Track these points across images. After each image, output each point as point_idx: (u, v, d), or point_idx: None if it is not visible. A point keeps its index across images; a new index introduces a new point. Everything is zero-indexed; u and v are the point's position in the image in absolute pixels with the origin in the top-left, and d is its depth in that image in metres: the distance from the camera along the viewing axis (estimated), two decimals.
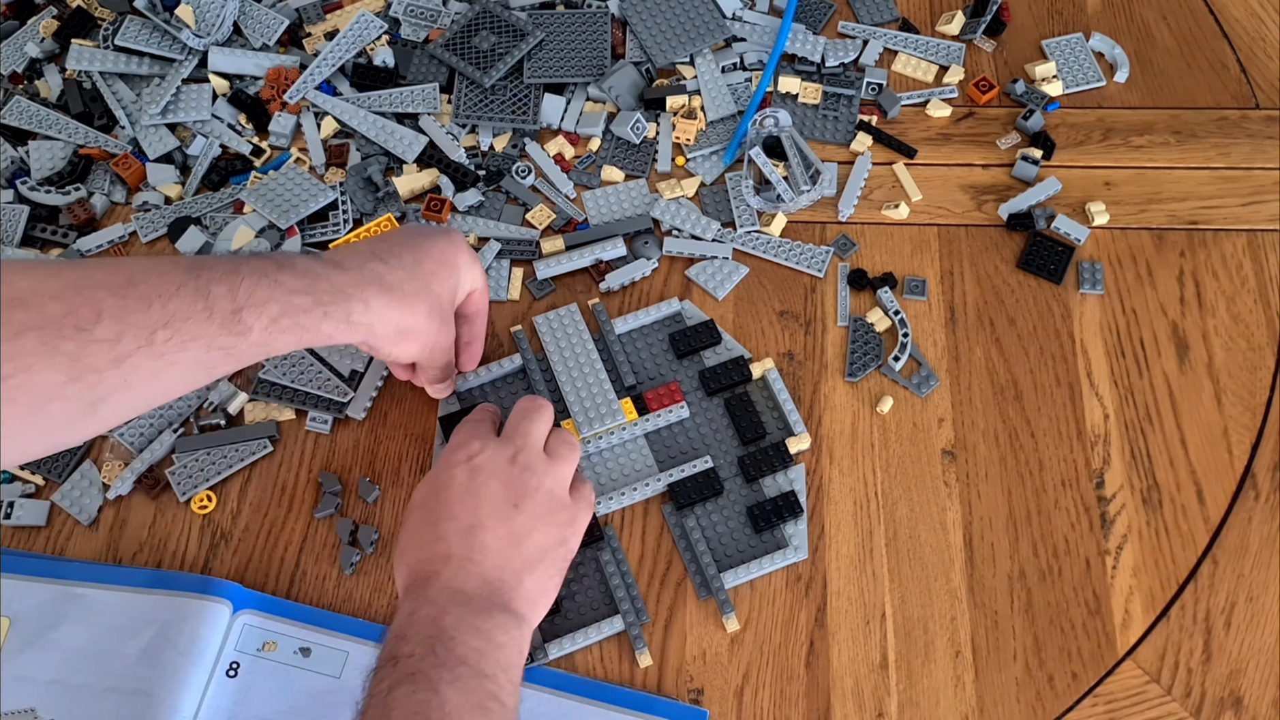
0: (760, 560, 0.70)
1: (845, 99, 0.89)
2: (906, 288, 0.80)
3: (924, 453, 0.75)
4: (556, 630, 0.69)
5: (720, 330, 0.78)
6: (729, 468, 0.74)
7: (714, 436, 0.75)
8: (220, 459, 0.75)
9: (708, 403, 0.77)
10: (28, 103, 0.89)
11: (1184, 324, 0.79)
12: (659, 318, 0.79)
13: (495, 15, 0.90)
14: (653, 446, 0.75)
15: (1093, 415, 0.76)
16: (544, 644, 0.68)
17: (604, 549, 0.71)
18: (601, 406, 0.75)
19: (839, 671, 0.68)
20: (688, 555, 0.72)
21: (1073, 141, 0.87)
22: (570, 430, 0.73)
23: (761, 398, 0.77)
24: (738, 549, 0.72)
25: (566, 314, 0.78)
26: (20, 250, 0.83)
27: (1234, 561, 0.71)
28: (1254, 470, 0.74)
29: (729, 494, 0.73)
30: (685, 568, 0.71)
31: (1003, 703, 0.67)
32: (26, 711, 0.65)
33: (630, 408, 0.75)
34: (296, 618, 0.69)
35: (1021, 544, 0.72)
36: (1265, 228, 0.83)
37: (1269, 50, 0.91)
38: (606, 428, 0.74)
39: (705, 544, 0.71)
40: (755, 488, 0.74)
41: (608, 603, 0.70)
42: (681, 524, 0.72)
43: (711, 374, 0.77)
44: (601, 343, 0.78)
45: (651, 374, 0.78)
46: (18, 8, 0.96)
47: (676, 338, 0.78)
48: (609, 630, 0.69)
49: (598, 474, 0.74)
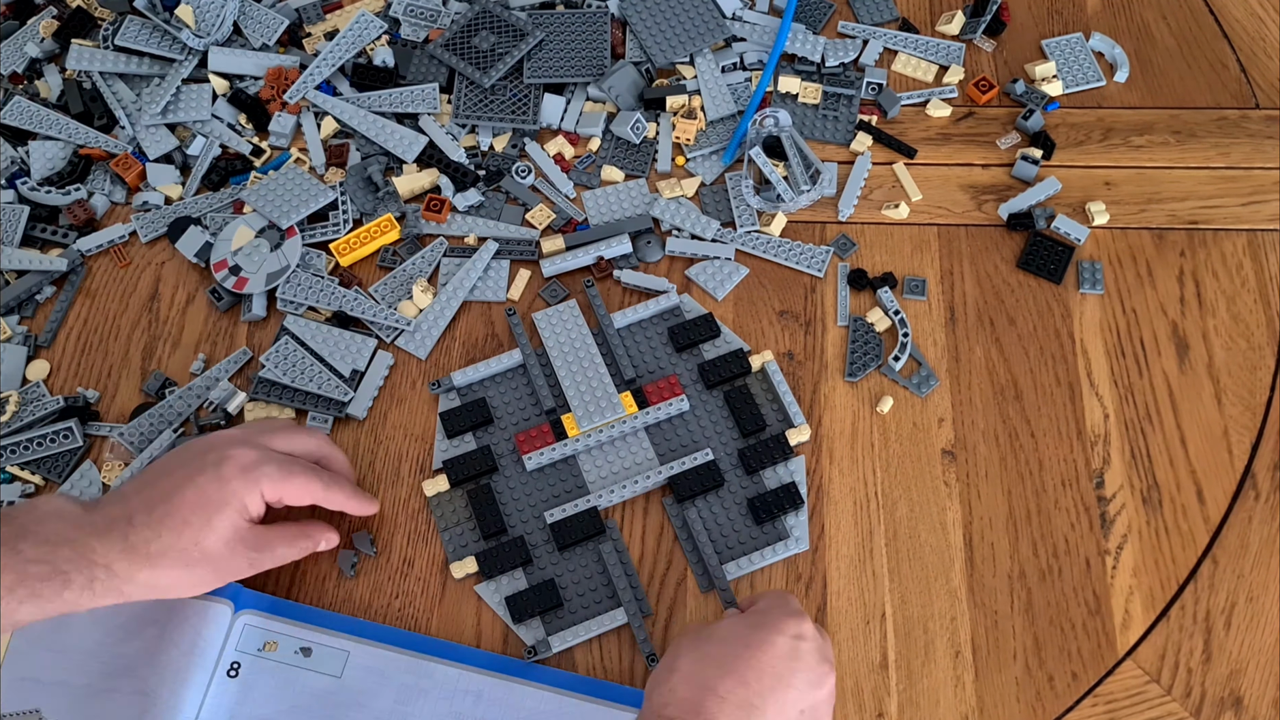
0: (762, 551, 0.71)
1: (845, 99, 0.89)
2: (906, 288, 0.80)
3: (924, 453, 0.75)
4: (559, 624, 0.69)
5: (719, 323, 0.79)
6: (729, 460, 0.74)
7: (714, 429, 0.76)
8: None
9: (707, 395, 0.77)
10: (28, 103, 0.89)
11: (1184, 324, 0.79)
12: (658, 311, 0.79)
13: (495, 15, 0.90)
14: (653, 440, 0.75)
15: (1093, 415, 0.76)
16: (546, 638, 0.68)
17: (605, 541, 0.71)
18: (601, 400, 0.75)
19: (839, 671, 0.68)
20: (689, 547, 0.72)
21: (1073, 141, 0.87)
22: (570, 425, 0.74)
23: (761, 390, 0.77)
24: (739, 541, 0.72)
25: (566, 309, 0.79)
26: (20, 250, 0.83)
27: (1234, 561, 0.71)
28: (1254, 470, 0.74)
29: (729, 486, 0.73)
30: (687, 561, 0.71)
31: (1003, 703, 0.67)
32: (31, 712, 0.65)
33: (630, 401, 0.75)
34: (297, 617, 0.69)
35: (1021, 544, 0.72)
36: (1265, 227, 0.83)
37: (1269, 50, 0.91)
38: (606, 421, 0.74)
39: (706, 536, 0.71)
40: (756, 479, 0.74)
41: (610, 596, 0.70)
42: (683, 516, 0.72)
43: (711, 367, 0.77)
44: (600, 337, 0.78)
45: (651, 367, 0.78)
46: (18, 8, 0.96)
47: (675, 331, 0.78)
48: (611, 624, 0.69)
49: (598, 468, 0.74)
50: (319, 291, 0.81)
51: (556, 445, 0.74)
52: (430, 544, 0.73)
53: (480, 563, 0.71)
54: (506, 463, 0.75)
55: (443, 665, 0.67)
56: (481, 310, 0.81)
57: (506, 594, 0.70)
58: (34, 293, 0.82)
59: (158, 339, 0.81)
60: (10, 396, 0.78)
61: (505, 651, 0.69)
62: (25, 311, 0.82)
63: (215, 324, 0.81)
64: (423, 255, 0.83)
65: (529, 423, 0.76)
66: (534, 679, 0.67)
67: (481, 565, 0.71)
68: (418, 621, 0.70)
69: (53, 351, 0.81)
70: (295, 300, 0.80)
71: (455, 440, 0.76)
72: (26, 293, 0.82)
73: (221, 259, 0.81)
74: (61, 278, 0.84)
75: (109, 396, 0.79)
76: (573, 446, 0.74)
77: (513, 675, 0.67)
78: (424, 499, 0.74)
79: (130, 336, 0.81)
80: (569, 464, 0.75)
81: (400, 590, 0.71)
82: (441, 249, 0.83)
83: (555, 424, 0.75)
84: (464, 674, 0.67)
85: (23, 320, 0.82)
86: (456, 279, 0.81)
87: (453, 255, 0.83)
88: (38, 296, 0.83)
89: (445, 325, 0.80)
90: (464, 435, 0.76)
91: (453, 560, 0.72)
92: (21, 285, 0.82)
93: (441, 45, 0.90)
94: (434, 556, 0.72)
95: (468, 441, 0.76)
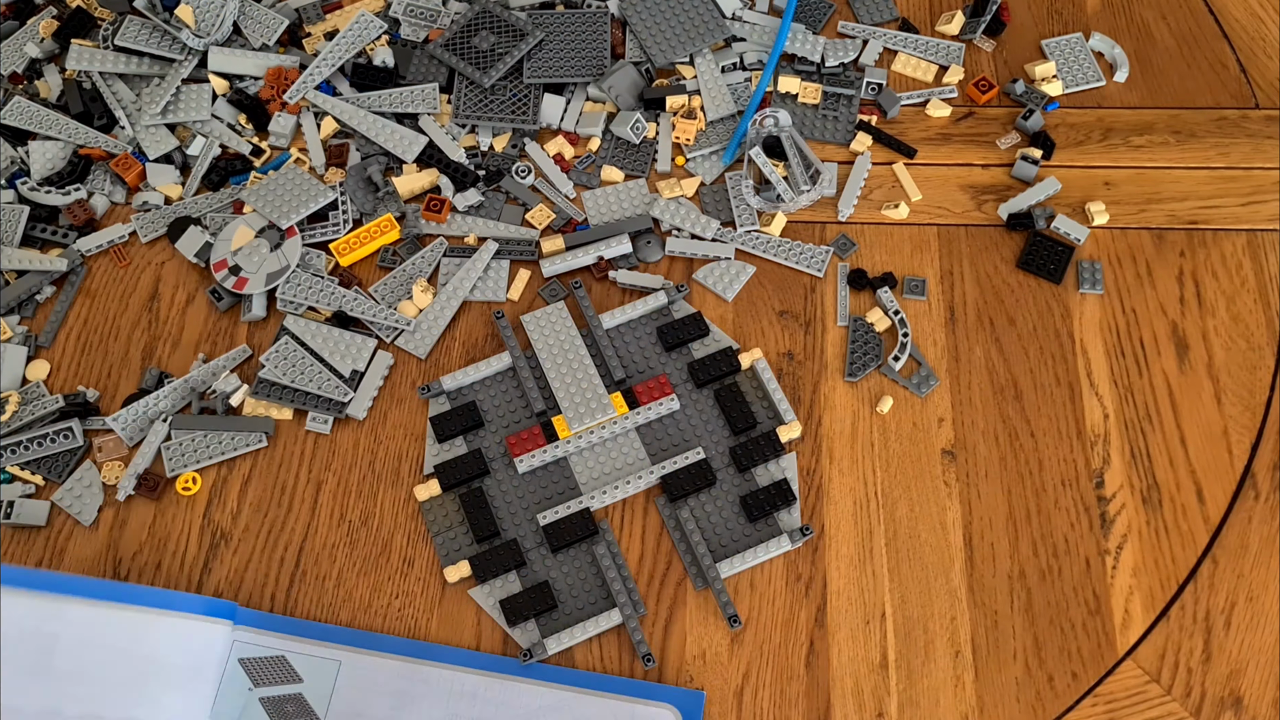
0: (755, 549, 0.71)
1: (845, 99, 0.89)
2: (906, 287, 0.80)
3: (924, 452, 0.75)
4: (554, 625, 0.69)
5: (708, 322, 0.79)
6: (721, 458, 0.74)
7: (705, 428, 0.76)
8: (214, 443, 0.75)
9: (697, 394, 0.77)
10: (28, 103, 0.89)
11: (1184, 324, 0.79)
12: (646, 311, 0.79)
13: (495, 15, 0.90)
14: (644, 440, 0.75)
15: (1092, 415, 0.76)
16: (542, 640, 0.68)
17: (599, 543, 0.71)
18: (591, 401, 0.75)
19: (839, 671, 0.68)
20: (683, 546, 0.72)
21: (1072, 141, 0.87)
22: (561, 427, 0.73)
23: (751, 388, 0.77)
24: (732, 539, 0.72)
25: (554, 310, 0.79)
26: (20, 251, 0.83)
27: (1234, 561, 0.71)
28: (1254, 470, 0.74)
29: (721, 484, 0.74)
30: (682, 560, 0.71)
31: (1003, 702, 0.67)
32: None
33: (620, 402, 0.75)
34: (288, 631, 0.69)
35: (1021, 544, 0.72)
36: (1265, 227, 0.83)
37: (1269, 50, 0.91)
38: (597, 422, 0.74)
39: (700, 535, 0.71)
40: (747, 477, 0.74)
41: (605, 596, 0.70)
42: (676, 515, 0.72)
43: (700, 365, 0.77)
44: (589, 338, 0.78)
45: (640, 367, 0.78)
46: (17, 8, 0.96)
47: (664, 331, 0.78)
48: (607, 624, 0.69)
49: (590, 469, 0.74)
50: (319, 291, 0.81)
51: (548, 447, 0.74)
52: (430, 545, 0.73)
53: (474, 566, 0.71)
54: (498, 466, 0.75)
55: (437, 668, 0.67)
56: (481, 310, 0.81)
57: (500, 597, 0.70)
58: (34, 293, 0.82)
59: (158, 339, 0.81)
60: (10, 396, 0.78)
61: (505, 652, 0.69)
62: (25, 311, 0.82)
63: (215, 324, 0.81)
64: (422, 255, 0.83)
65: (520, 425, 0.76)
66: (531, 676, 0.67)
67: (475, 569, 0.71)
68: (417, 621, 0.70)
69: (53, 351, 0.81)
70: (295, 300, 0.80)
71: (446, 444, 0.76)
72: (27, 293, 0.82)
73: (221, 259, 0.81)
74: (61, 278, 0.84)
75: (109, 396, 0.79)
76: (564, 448, 0.74)
77: (509, 674, 0.67)
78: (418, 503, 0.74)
79: (130, 336, 0.81)
80: (560, 465, 0.75)
81: (400, 590, 0.71)
82: (441, 249, 0.83)
83: (546, 426, 0.75)
84: (458, 675, 0.67)
85: (23, 320, 0.82)
86: (456, 279, 0.81)
87: (452, 255, 0.83)
88: (38, 296, 0.83)
89: (445, 325, 0.80)
90: (455, 439, 0.76)
91: (446, 564, 0.72)
92: (22, 285, 0.82)
93: (441, 45, 0.90)
94: (433, 557, 0.72)
95: (459, 445, 0.76)
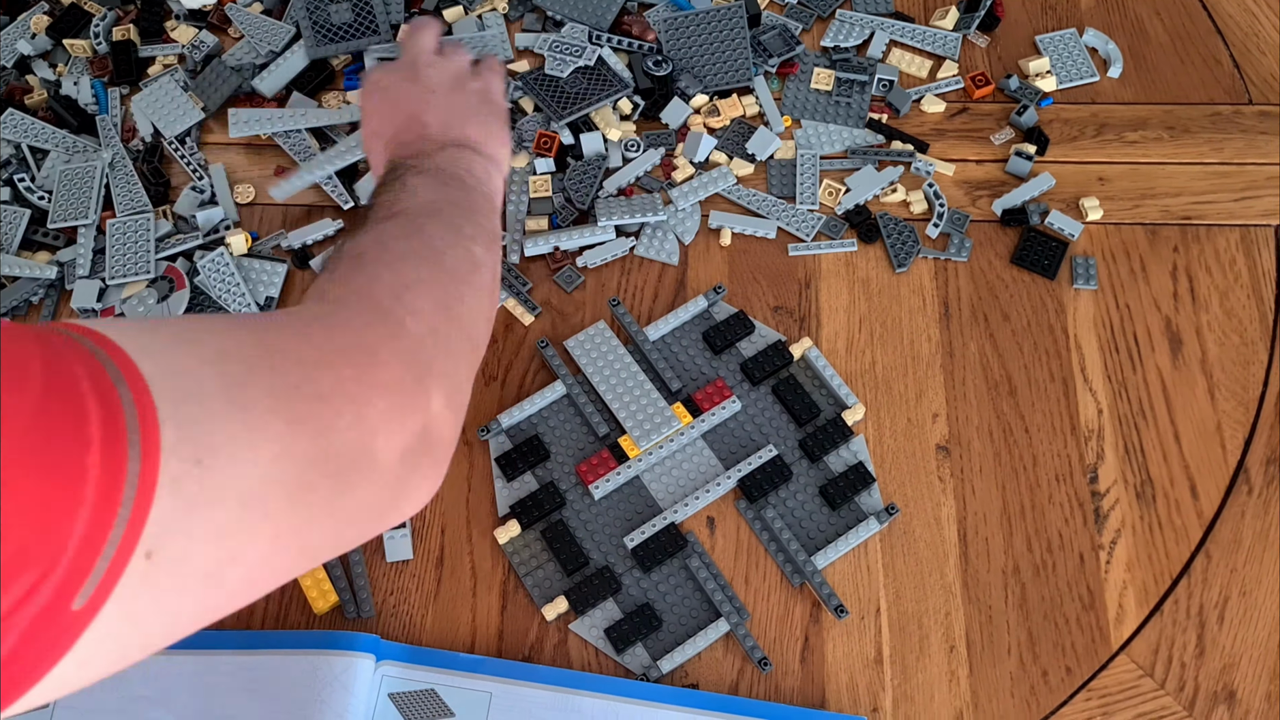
0: (846, 536, 0.70)
1: (859, 85, 0.89)
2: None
3: (918, 448, 0.75)
4: (663, 645, 0.68)
5: (752, 319, 0.78)
6: (792, 452, 0.74)
7: (770, 424, 0.75)
8: None
9: (756, 392, 0.76)
10: (21, 115, 0.88)
11: (1177, 319, 0.79)
12: (688, 318, 0.79)
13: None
14: (713, 446, 0.74)
15: (1086, 410, 0.76)
16: (655, 661, 0.68)
17: (690, 555, 0.71)
18: (655, 416, 0.74)
19: (834, 667, 0.68)
20: (774, 547, 0.71)
21: (1066, 137, 0.87)
22: (629, 446, 0.73)
23: (807, 378, 0.76)
24: (819, 530, 0.71)
25: (596, 331, 0.77)
26: (12, 257, 0.83)
27: (1227, 556, 0.71)
28: (1247, 465, 0.74)
29: (798, 478, 0.73)
30: (774, 559, 0.71)
31: (997, 697, 0.67)
32: None
33: (683, 411, 0.74)
34: (434, 664, 0.67)
35: (1015, 539, 0.72)
36: (1258, 223, 0.83)
37: (1262, 45, 0.91)
38: (665, 436, 0.73)
39: (790, 532, 0.71)
40: (821, 466, 0.73)
41: (707, 607, 0.69)
42: (760, 517, 0.72)
43: (753, 363, 0.76)
44: (638, 353, 0.77)
45: (694, 374, 0.77)
46: (8, 3, 0.95)
47: (710, 334, 0.78)
48: (715, 634, 0.68)
49: (665, 484, 0.73)
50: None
51: (619, 469, 0.73)
52: (425, 540, 0.73)
53: (570, 600, 0.69)
54: (573, 495, 0.73)
55: (590, 697, 0.66)
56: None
57: (603, 626, 0.69)
58: (28, 298, 0.82)
59: None
60: None
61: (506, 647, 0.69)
62: (19, 314, 0.82)
63: None
64: None
65: (587, 451, 0.74)
66: (661, 700, 0.66)
67: (572, 602, 0.69)
68: (413, 620, 0.70)
69: None
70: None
71: (515, 482, 0.74)
72: (22, 299, 0.81)
73: None
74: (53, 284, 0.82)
75: None
76: (636, 467, 0.73)
77: (655, 700, 0.66)
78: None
79: None
80: (635, 485, 0.73)
81: (395, 587, 0.71)
82: None
83: (614, 448, 0.73)
84: (610, 704, 0.66)
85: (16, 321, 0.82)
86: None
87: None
88: (31, 299, 0.82)
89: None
90: (523, 475, 0.74)
91: (542, 604, 0.70)
92: (15, 291, 0.81)
93: None
94: (429, 552, 0.72)
95: (528, 481, 0.74)
